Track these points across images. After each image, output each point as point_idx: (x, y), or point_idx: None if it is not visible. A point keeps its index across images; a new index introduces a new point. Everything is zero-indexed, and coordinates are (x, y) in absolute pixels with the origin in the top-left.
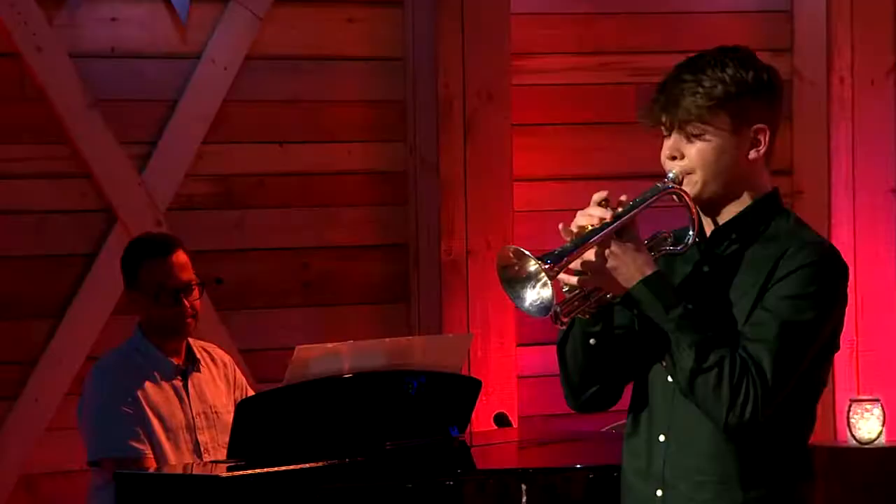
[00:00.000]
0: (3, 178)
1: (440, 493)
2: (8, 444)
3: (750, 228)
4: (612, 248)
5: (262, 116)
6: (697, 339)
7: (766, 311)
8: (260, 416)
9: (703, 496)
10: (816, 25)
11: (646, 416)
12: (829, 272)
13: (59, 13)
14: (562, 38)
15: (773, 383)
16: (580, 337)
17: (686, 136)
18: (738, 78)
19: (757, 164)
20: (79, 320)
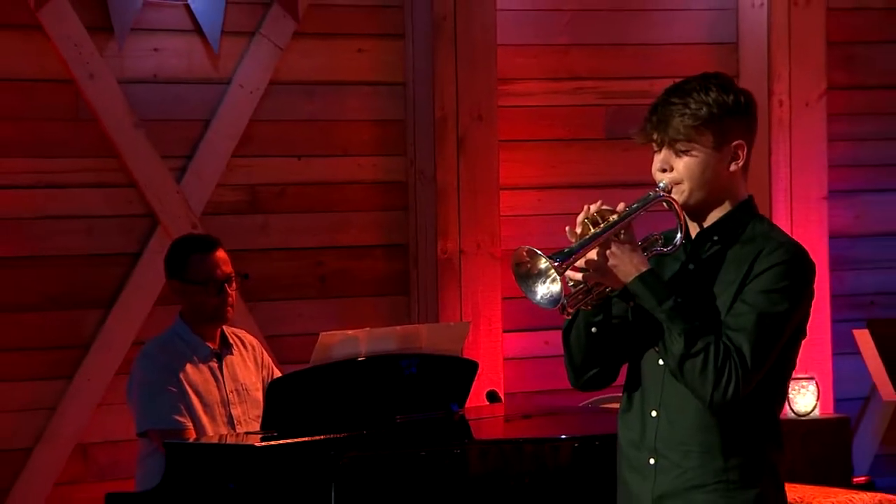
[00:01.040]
0: (60, 188)
1: (448, 460)
2: (65, 417)
3: (730, 231)
4: (612, 248)
5: (283, 134)
6: (686, 327)
7: (745, 303)
8: (289, 394)
9: (690, 464)
10: (759, 56)
11: (638, 394)
12: (799, 269)
13: (108, 45)
14: (541, 66)
15: (751, 366)
16: (583, 326)
17: (675, 152)
18: (720, 101)
19: (736, 175)
20: (125, 310)
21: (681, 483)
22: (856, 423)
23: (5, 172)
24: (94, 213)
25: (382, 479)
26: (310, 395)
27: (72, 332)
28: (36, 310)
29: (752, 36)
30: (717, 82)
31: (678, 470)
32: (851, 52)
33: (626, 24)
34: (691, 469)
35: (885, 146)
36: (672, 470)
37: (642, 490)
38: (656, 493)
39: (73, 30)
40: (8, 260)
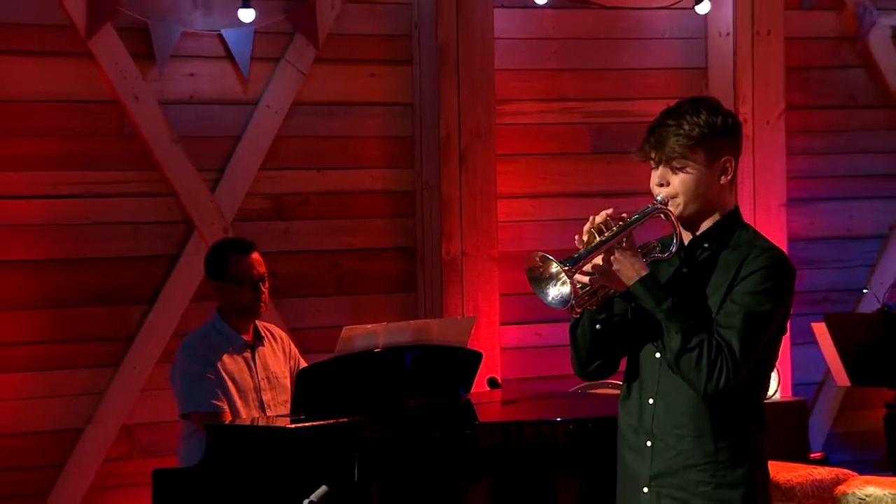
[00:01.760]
0: (107, 197)
1: (460, 440)
2: (112, 401)
3: (719, 238)
4: (615, 254)
5: (305, 149)
6: (683, 326)
7: (733, 303)
8: (315, 381)
9: (683, 446)
10: (725, 80)
11: (637, 384)
12: (781, 273)
13: (150, 70)
14: (533, 89)
15: (740, 360)
16: (588, 323)
17: (671, 169)
18: (710, 122)
19: (724, 188)
20: (165, 306)
21: (675, 463)
22: (811, 405)
23: (59, 184)
24: (137, 220)
25: (400, 457)
26: (334, 382)
27: (118, 326)
28: (86, 305)
29: (720, 62)
30: (706, 105)
31: (673, 451)
32: (807, 76)
33: (608, 52)
34: (685, 451)
35: (836, 160)
36: (667, 451)
37: (641, 469)
38: (653, 471)
39: (120, 57)
40: (62, 261)
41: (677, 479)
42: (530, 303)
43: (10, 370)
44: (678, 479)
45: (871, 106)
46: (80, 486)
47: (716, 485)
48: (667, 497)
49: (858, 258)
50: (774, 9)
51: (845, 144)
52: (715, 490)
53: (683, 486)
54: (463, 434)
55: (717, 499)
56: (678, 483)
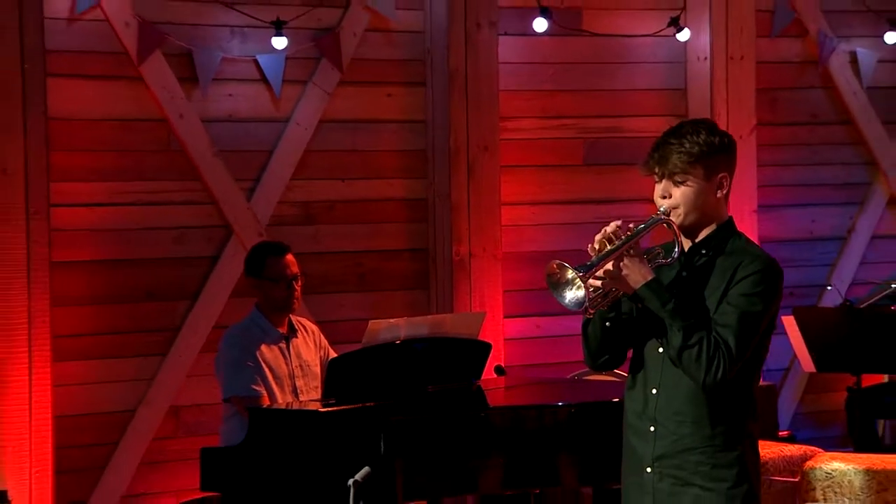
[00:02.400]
0: (155, 205)
1: (474, 421)
2: (161, 385)
3: (715, 246)
4: (624, 261)
5: (330, 161)
6: (684, 324)
7: (729, 304)
8: (345, 369)
9: (683, 431)
10: (703, 99)
11: (641, 375)
12: (771, 277)
13: (194, 91)
14: (534, 107)
15: (735, 355)
16: (599, 321)
17: (673, 182)
18: (709, 141)
19: (721, 201)
20: (207, 301)
21: (676, 446)
22: (779, 389)
23: (113, 193)
24: (182, 225)
25: (421, 436)
26: (361, 370)
27: (166, 319)
28: (137, 301)
29: (698, 84)
30: (706, 126)
31: (674, 436)
32: (775, 96)
33: (599, 75)
34: (684, 435)
35: (801, 170)
36: (669, 436)
37: (644, 451)
38: (656, 454)
39: (167, 80)
40: (116, 262)
41: (677, 461)
42: (530, 298)
43: (74, 359)
44: (678, 461)
45: (831, 123)
46: (132, 462)
47: (712, 465)
48: (668, 477)
49: (820, 258)
50: (746, 36)
51: (808, 157)
52: (712, 470)
53: (683, 467)
54: (477, 416)
55: (714, 478)
56: (678, 464)
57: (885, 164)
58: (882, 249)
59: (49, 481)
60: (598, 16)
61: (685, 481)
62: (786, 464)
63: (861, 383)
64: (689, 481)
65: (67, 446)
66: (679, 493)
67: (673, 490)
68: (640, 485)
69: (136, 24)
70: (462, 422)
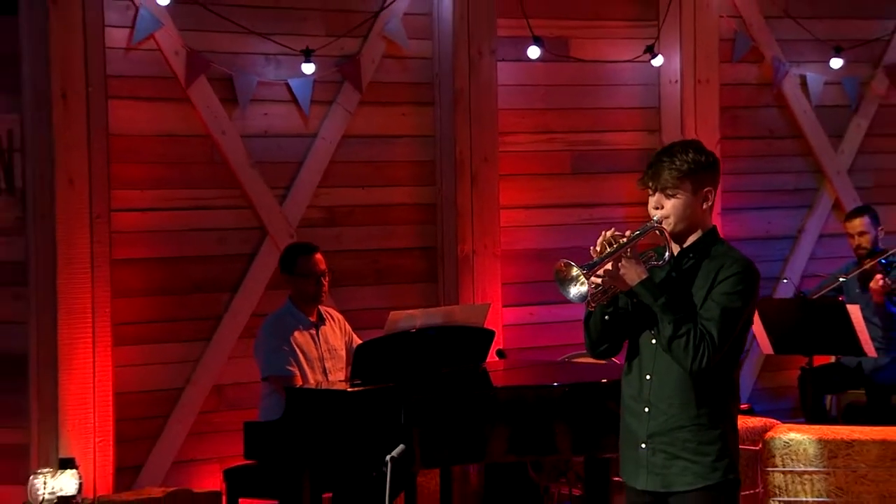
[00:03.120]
0: (201, 209)
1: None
2: (206, 366)
3: (701, 250)
4: (622, 262)
5: (352, 171)
6: (674, 318)
7: (713, 301)
8: (369, 354)
9: (673, 411)
10: (674, 117)
11: (636, 362)
12: (749, 278)
13: (234, 111)
14: (527, 124)
15: (718, 345)
16: (599, 314)
17: (665, 195)
18: (697, 160)
19: (706, 212)
20: (245, 293)
21: (666, 425)
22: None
23: (164, 199)
24: (223, 227)
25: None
26: (383, 354)
27: (210, 308)
28: (185, 293)
29: (669, 103)
30: (693, 146)
31: (665, 416)
32: (736, 114)
33: (584, 95)
34: (674, 415)
35: (759, 178)
36: (660, 416)
37: (639, 429)
38: (649, 431)
39: (211, 101)
40: (167, 259)
41: (668, 438)
42: (525, 290)
43: (131, 343)
44: (669, 438)
45: (785, 137)
46: (181, 432)
47: (698, 442)
48: (660, 451)
49: (775, 254)
50: (711, 62)
51: (765, 167)
52: (697, 445)
53: (673, 443)
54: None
55: (699, 452)
56: (668, 440)
57: (830, 173)
58: (828, 247)
59: (110, 449)
60: (584, 44)
61: (674, 455)
62: (749, 434)
63: (812, 363)
64: (677, 455)
65: (125, 419)
66: (669, 465)
67: (664, 463)
68: (635, 458)
69: (184, 52)
70: (471, 399)
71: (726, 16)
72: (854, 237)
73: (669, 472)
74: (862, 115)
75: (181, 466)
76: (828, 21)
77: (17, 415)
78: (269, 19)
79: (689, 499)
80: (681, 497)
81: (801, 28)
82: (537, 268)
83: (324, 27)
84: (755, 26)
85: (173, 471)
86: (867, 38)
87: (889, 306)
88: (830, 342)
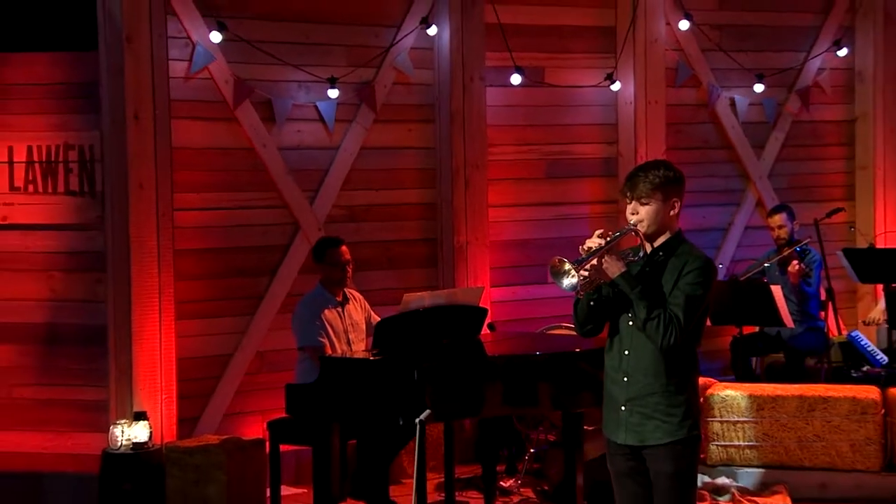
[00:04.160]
0: (245, 209)
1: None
2: (251, 336)
3: (669, 249)
4: (605, 258)
5: (368, 177)
6: (648, 304)
7: (679, 290)
8: (386, 329)
9: (647, 380)
10: (629, 132)
11: (616, 340)
12: (708, 271)
13: (273, 128)
14: (510, 137)
15: (683, 325)
16: (585, 301)
17: (640, 203)
18: (667, 175)
19: (674, 218)
20: (282, 277)
21: (642, 391)
22: None
23: (216, 200)
24: (264, 223)
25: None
26: (398, 329)
27: (253, 289)
28: (233, 277)
29: (626, 120)
30: (664, 164)
31: (640, 384)
32: (679, 128)
33: (556, 114)
34: (648, 383)
35: (697, 181)
36: (636, 384)
37: (619, 395)
38: (628, 396)
39: (254, 120)
40: (219, 249)
41: (643, 402)
42: (509, 273)
43: (190, 318)
44: (643, 402)
45: (717, 147)
46: (230, 390)
47: (667, 405)
48: (636, 413)
49: (710, 243)
50: (658, 87)
51: (701, 172)
52: (667, 408)
53: (646, 406)
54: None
55: (668, 413)
56: (643, 404)
57: (753, 177)
58: (752, 237)
59: (174, 404)
60: (557, 72)
61: (648, 416)
62: None
63: (742, 332)
64: (650, 416)
65: (185, 379)
66: (644, 424)
67: (640, 422)
68: (616, 419)
69: (232, 81)
70: (471, 365)
71: (671, 49)
72: (774, 230)
73: (644, 430)
74: (779, 129)
75: (231, 418)
76: (752, 54)
77: (99, 376)
78: (301, 53)
79: (660, 451)
80: (653, 449)
81: (731, 59)
82: (519, 255)
83: (345, 59)
84: (694, 58)
85: (224, 421)
86: (783, 68)
87: (803, 286)
88: (756, 315)
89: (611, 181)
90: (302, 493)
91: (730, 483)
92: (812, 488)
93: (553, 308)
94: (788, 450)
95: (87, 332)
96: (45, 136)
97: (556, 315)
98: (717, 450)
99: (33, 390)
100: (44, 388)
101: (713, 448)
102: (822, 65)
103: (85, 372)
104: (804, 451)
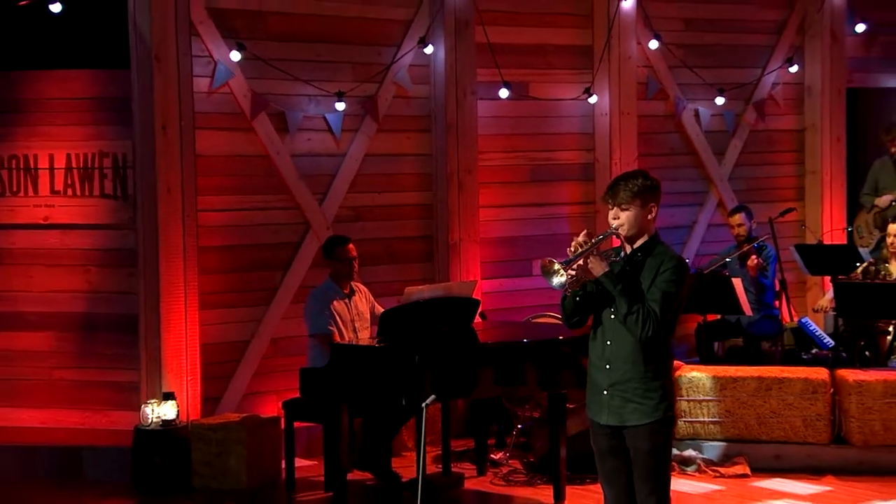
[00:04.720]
0: (262, 210)
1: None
2: (266, 324)
3: (647, 251)
4: (590, 259)
5: (371, 180)
6: (628, 300)
7: (656, 287)
8: (391, 319)
9: (627, 367)
10: (605, 140)
11: (600, 331)
12: (682, 271)
13: (286, 137)
14: (499, 145)
15: (660, 319)
16: (572, 297)
17: (620, 209)
18: (645, 183)
19: (651, 222)
20: (294, 271)
21: (622, 377)
22: None
23: (235, 202)
24: (277, 223)
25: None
26: (400, 318)
27: (268, 282)
28: (251, 271)
29: (602, 130)
30: (642, 174)
31: (621, 371)
32: (649, 137)
33: (539, 124)
34: (627, 370)
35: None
36: (617, 371)
37: (602, 380)
38: (610, 382)
39: (269, 130)
40: (238, 246)
41: (623, 387)
42: (497, 267)
43: (212, 308)
44: (623, 387)
45: (683, 154)
46: (249, 372)
47: (645, 389)
48: (617, 396)
49: (676, 240)
50: (630, 100)
51: (668, 175)
52: (645, 392)
53: (627, 391)
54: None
55: (646, 397)
56: (624, 389)
57: (715, 180)
58: (714, 234)
59: (198, 385)
60: (540, 86)
61: (628, 399)
62: None
63: (706, 319)
64: (630, 399)
65: (209, 363)
66: (624, 406)
67: (620, 405)
68: (599, 402)
69: (250, 95)
70: (466, 350)
71: (641, 66)
72: (734, 228)
73: (624, 412)
74: (737, 137)
75: (249, 397)
76: (714, 70)
77: (131, 360)
78: (312, 70)
79: (639, 430)
80: (633, 429)
81: (695, 75)
82: (507, 250)
83: (351, 75)
84: (662, 73)
85: (244, 401)
86: (741, 83)
87: (761, 278)
88: (719, 304)
89: (588, 184)
90: (314, 465)
91: (696, 455)
92: (769, 459)
93: (537, 298)
94: (748, 425)
95: (120, 320)
96: (82, 145)
97: (540, 304)
98: (684, 425)
99: (72, 373)
100: (82, 370)
101: (681, 424)
102: (776, 80)
103: (118, 356)
104: (762, 426)
